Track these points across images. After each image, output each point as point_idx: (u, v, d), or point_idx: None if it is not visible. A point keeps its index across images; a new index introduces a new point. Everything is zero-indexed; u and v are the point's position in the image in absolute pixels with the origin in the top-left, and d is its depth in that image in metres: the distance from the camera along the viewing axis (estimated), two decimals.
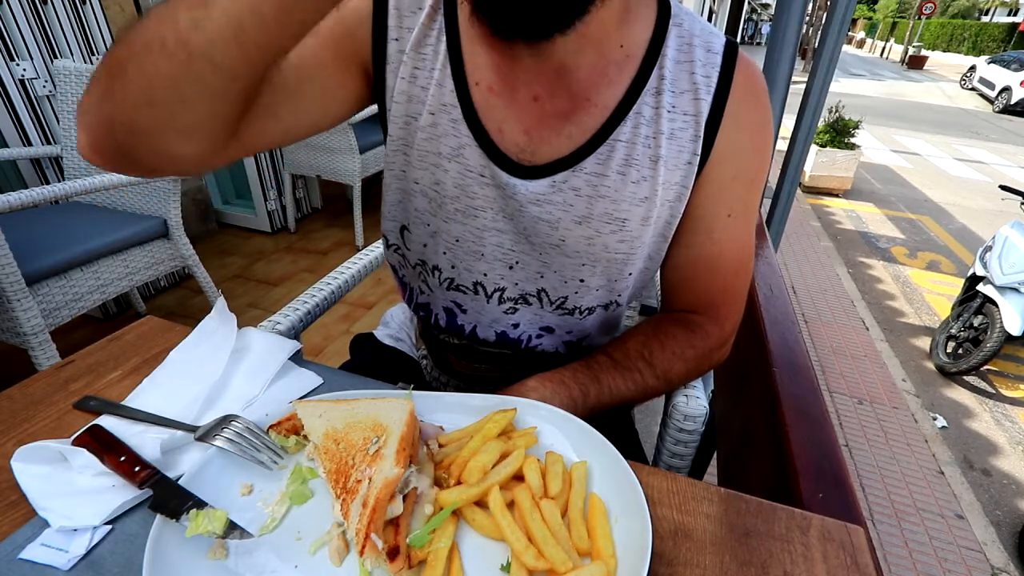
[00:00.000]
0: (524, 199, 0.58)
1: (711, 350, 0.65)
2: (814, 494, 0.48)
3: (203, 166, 0.49)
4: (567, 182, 0.57)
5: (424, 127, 0.58)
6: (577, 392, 0.59)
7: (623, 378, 0.62)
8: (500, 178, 0.58)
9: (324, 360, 2.02)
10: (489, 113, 0.57)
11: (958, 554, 1.80)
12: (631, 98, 0.56)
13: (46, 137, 2.08)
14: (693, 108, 0.56)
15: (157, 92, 0.38)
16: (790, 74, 1.54)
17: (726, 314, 0.65)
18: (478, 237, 0.62)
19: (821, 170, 5.32)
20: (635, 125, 0.56)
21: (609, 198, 0.57)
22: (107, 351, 0.61)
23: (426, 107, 0.58)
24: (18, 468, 0.44)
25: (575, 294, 0.65)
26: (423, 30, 0.57)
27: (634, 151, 0.56)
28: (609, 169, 0.56)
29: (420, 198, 0.62)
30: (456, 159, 0.58)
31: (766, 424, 0.62)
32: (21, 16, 1.94)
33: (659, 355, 0.63)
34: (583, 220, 0.58)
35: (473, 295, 0.67)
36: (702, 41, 0.56)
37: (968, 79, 16.14)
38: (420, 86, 0.58)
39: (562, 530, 0.40)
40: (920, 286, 3.80)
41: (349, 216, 2.93)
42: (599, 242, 0.59)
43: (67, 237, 1.59)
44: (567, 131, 0.57)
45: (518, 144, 0.57)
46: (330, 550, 0.40)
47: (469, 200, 0.60)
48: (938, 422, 2.47)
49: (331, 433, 0.45)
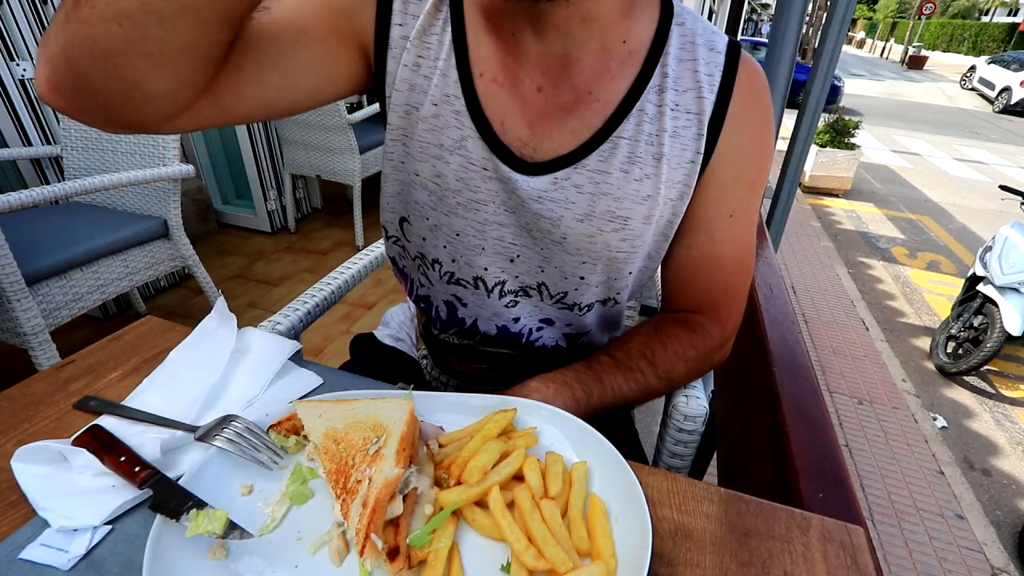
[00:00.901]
0: (526, 195, 0.57)
1: (712, 350, 0.65)
2: (814, 494, 0.48)
3: (173, 118, 0.45)
4: (569, 179, 0.57)
5: (426, 117, 0.57)
6: (580, 393, 0.59)
7: (625, 378, 0.62)
8: (502, 172, 0.57)
9: (324, 360, 2.02)
10: (493, 105, 0.56)
11: (958, 554, 1.80)
12: (635, 95, 0.56)
13: (46, 137, 2.08)
14: (696, 106, 0.56)
15: (127, 2, 0.36)
16: (790, 74, 1.54)
17: (727, 314, 0.66)
18: (480, 231, 0.61)
19: (821, 170, 5.32)
20: (638, 122, 0.56)
21: (612, 196, 0.57)
22: (107, 351, 0.61)
23: (429, 97, 0.57)
24: (18, 468, 0.44)
25: (575, 291, 0.65)
26: (428, 18, 0.56)
27: (637, 148, 0.56)
28: (612, 166, 0.56)
29: (420, 191, 0.61)
30: (458, 151, 0.57)
31: (766, 424, 0.62)
32: (21, 16, 1.94)
33: (661, 355, 0.63)
34: (585, 218, 0.58)
35: (474, 289, 0.66)
36: (705, 40, 0.57)
37: (968, 79, 16.15)
38: (423, 75, 0.57)
39: (562, 530, 0.40)
40: (920, 286, 3.80)
41: (349, 216, 2.93)
42: (601, 240, 0.59)
43: (67, 237, 1.59)
44: (570, 126, 0.56)
45: (520, 138, 0.57)
46: (330, 550, 0.40)
47: (471, 194, 0.59)
48: (938, 422, 2.47)
49: (331, 433, 0.45)
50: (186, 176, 1.79)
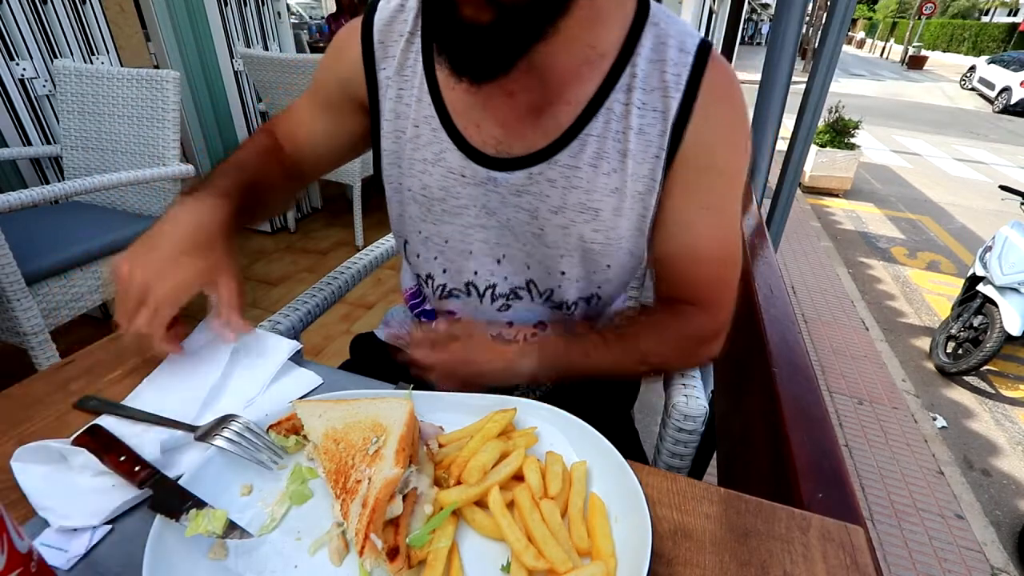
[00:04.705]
0: (505, 190, 0.62)
1: (697, 337, 0.66)
2: (814, 494, 0.48)
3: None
4: (543, 173, 0.60)
5: (411, 139, 0.65)
6: (562, 347, 0.63)
7: (609, 349, 0.63)
8: (480, 175, 0.62)
9: (324, 360, 2.01)
10: (466, 114, 0.62)
11: (958, 554, 1.80)
12: (603, 94, 0.58)
13: (46, 137, 2.08)
14: (662, 105, 0.58)
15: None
16: (790, 74, 1.54)
17: (716, 306, 0.66)
18: (465, 235, 0.67)
19: (821, 170, 5.32)
20: (606, 120, 0.59)
21: (582, 189, 0.60)
22: (107, 351, 0.61)
23: (410, 121, 0.65)
24: (18, 468, 0.44)
25: (559, 288, 0.68)
26: (403, 55, 0.64)
27: (605, 145, 0.59)
28: (581, 162, 0.60)
29: (412, 204, 0.68)
30: (438, 163, 0.64)
31: (766, 424, 0.62)
32: (21, 16, 1.94)
33: (639, 332, 0.65)
34: (559, 210, 0.61)
35: (466, 297, 0.71)
36: (676, 41, 0.58)
37: (968, 79, 16.14)
38: (405, 103, 0.65)
39: (562, 530, 0.40)
40: (920, 286, 3.80)
41: (349, 216, 2.93)
42: (574, 231, 0.62)
43: (67, 237, 1.59)
44: (542, 126, 0.60)
45: (495, 136, 0.61)
46: (330, 550, 0.40)
47: (454, 200, 0.65)
48: (938, 422, 2.47)
49: (331, 433, 0.46)
50: (186, 176, 1.79)
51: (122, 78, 1.76)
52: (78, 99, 1.82)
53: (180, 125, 1.79)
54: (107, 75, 1.78)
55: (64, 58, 2.05)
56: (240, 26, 2.78)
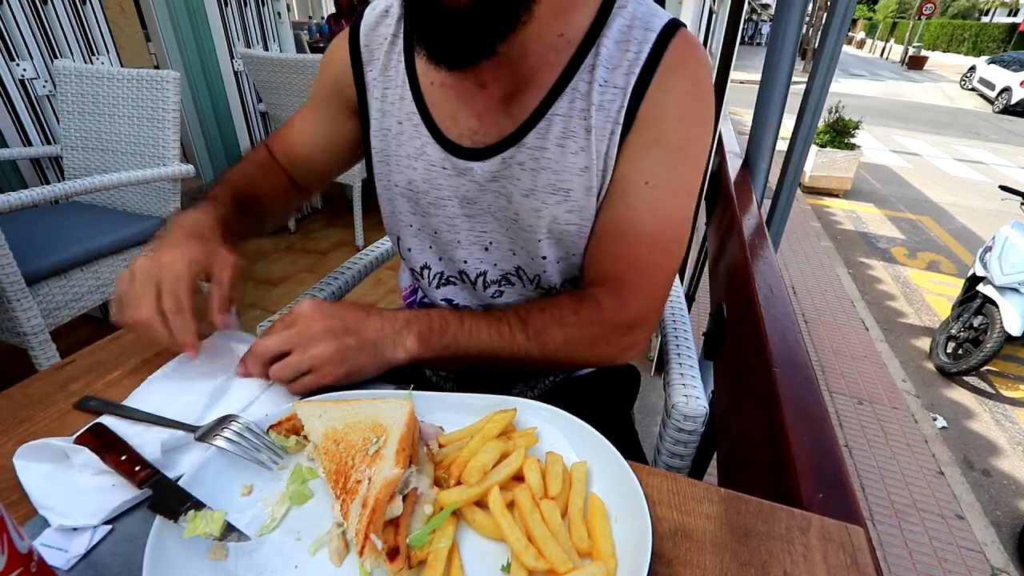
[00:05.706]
0: (482, 179, 0.64)
1: (601, 323, 0.61)
2: (814, 494, 0.48)
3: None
4: (514, 157, 0.62)
5: (396, 135, 0.68)
6: (437, 324, 0.58)
7: (488, 325, 0.60)
8: (459, 166, 0.64)
9: None
10: (444, 108, 0.64)
11: (958, 554, 1.80)
12: (568, 76, 0.60)
13: (46, 137, 2.08)
14: (623, 82, 0.58)
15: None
16: (790, 74, 1.54)
17: (630, 291, 0.62)
18: (451, 225, 0.69)
19: (821, 170, 5.32)
20: (571, 100, 0.60)
21: (551, 169, 0.61)
22: (107, 351, 0.61)
23: (395, 119, 0.68)
24: (20, 465, 0.44)
25: (544, 272, 0.68)
26: (386, 56, 0.68)
27: (570, 123, 0.60)
28: (548, 142, 0.60)
29: (400, 200, 0.71)
30: (420, 157, 0.66)
31: (766, 424, 0.62)
32: (21, 16, 1.94)
33: (535, 316, 0.61)
34: (530, 193, 0.62)
35: (462, 284, 0.73)
36: (643, 22, 0.59)
37: (968, 79, 16.14)
38: (390, 102, 0.68)
39: (562, 530, 0.40)
40: (920, 286, 3.80)
41: (349, 216, 2.93)
42: (547, 213, 0.62)
43: (67, 237, 1.59)
44: (512, 112, 0.62)
45: (472, 128, 0.63)
46: (330, 550, 0.40)
47: (437, 192, 0.67)
48: (938, 422, 2.47)
49: (331, 433, 0.45)
50: (186, 176, 1.79)
51: (122, 78, 1.76)
52: (78, 99, 1.82)
53: (180, 125, 1.80)
54: (107, 75, 1.78)
55: (64, 58, 2.06)
56: (240, 26, 2.78)
